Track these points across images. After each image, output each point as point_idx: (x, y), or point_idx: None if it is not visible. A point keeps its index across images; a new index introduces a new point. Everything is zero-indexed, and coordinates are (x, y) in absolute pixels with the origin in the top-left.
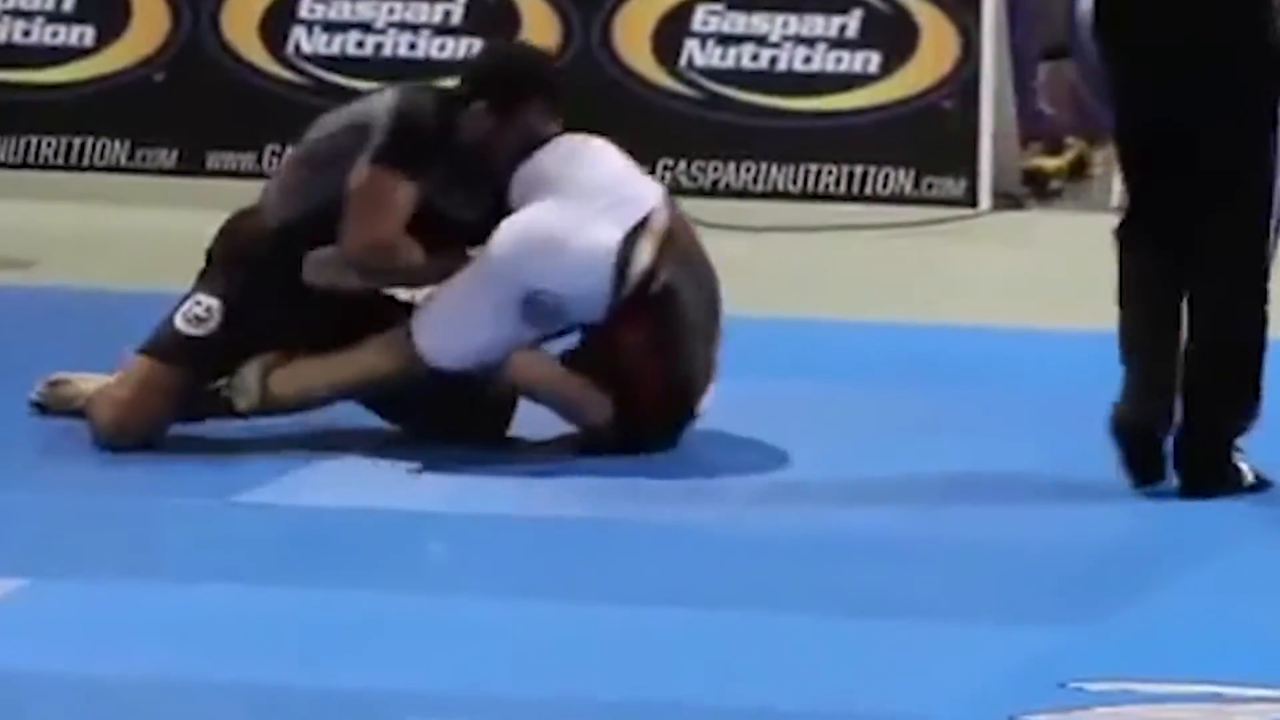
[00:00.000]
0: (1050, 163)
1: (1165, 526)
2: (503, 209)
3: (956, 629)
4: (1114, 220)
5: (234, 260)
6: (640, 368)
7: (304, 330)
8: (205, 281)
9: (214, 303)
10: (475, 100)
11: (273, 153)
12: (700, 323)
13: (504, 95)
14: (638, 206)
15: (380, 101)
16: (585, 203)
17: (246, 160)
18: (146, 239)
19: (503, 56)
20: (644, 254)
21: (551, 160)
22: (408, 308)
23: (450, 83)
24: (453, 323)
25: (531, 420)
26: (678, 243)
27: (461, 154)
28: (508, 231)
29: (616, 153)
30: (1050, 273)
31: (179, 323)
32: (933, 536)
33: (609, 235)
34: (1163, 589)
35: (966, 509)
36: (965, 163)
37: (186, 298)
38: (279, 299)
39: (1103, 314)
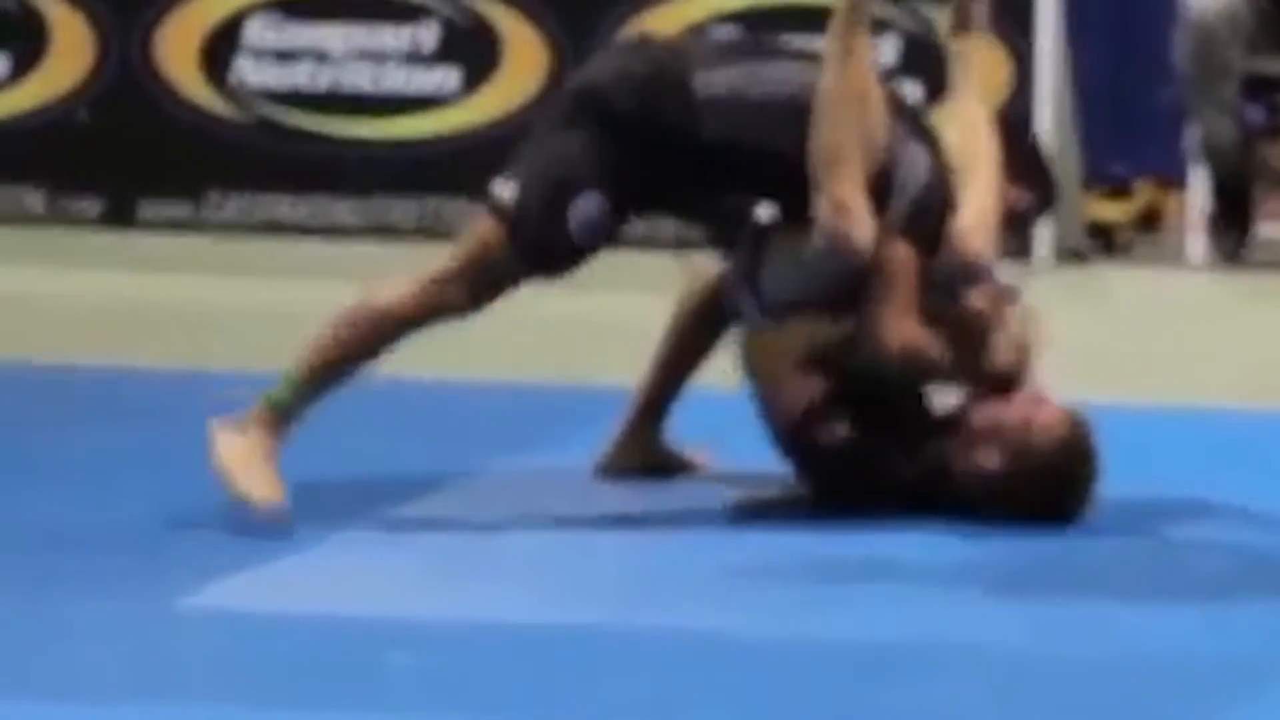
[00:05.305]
0: (1113, 209)
1: (1246, 635)
2: None
3: None
4: (1191, 279)
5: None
6: None
7: None
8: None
9: None
10: None
11: (215, 203)
12: None
13: None
14: None
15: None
16: None
17: (183, 211)
18: (67, 302)
19: None
20: None
21: None
22: None
23: None
24: None
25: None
26: None
27: None
28: None
29: None
30: (1118, 339)
31: None
32: (988, 644)
33: None
34: (1244, 709)
35: (1019, 612)
36: None
37: None
38: None
39: (1180, 386)
